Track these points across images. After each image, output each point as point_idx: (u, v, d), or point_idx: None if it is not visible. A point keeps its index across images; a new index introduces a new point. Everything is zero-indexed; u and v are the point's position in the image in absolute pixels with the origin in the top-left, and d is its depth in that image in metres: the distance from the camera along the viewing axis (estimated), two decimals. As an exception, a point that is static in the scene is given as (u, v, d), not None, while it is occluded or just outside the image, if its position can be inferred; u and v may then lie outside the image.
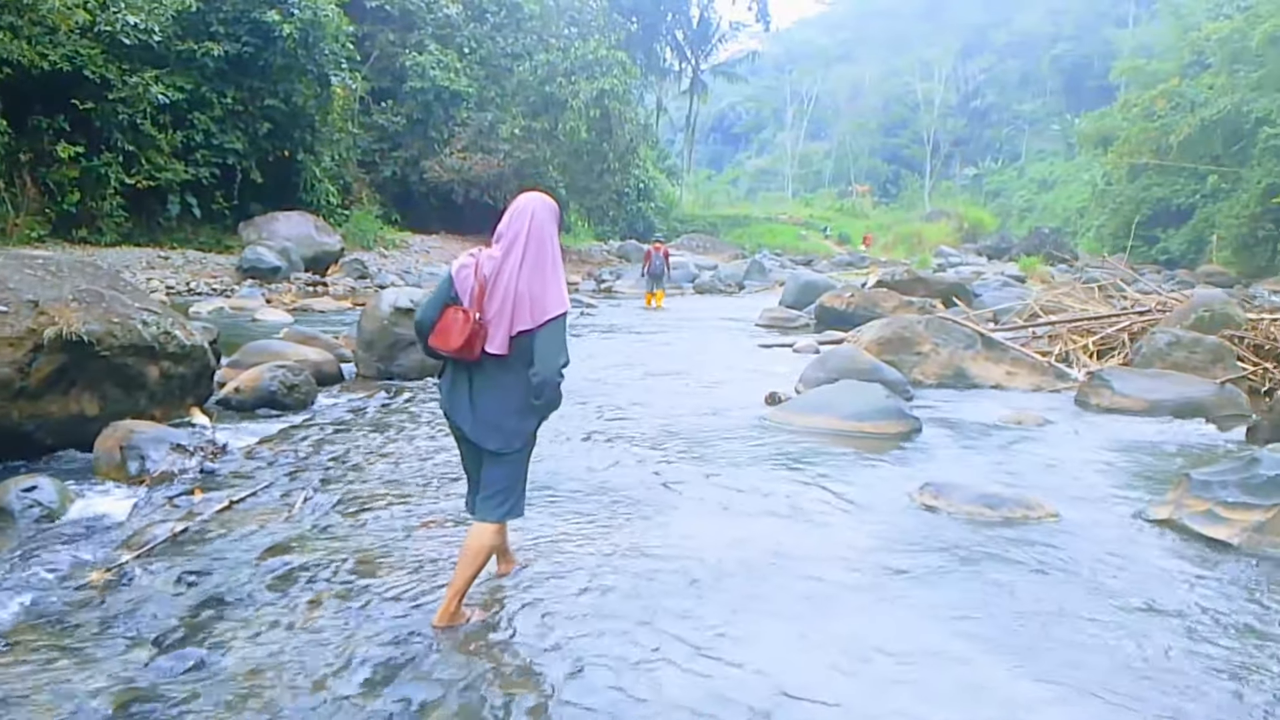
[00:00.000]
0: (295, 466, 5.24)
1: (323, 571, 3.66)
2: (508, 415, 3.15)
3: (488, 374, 3.13)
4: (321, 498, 4.62)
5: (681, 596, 3.57)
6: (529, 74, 30.90)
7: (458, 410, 3.18)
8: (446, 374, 3.24)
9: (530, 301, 3.08)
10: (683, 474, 5.46)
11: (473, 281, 3.11)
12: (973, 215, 59.28)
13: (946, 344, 9.99)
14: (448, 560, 3.83)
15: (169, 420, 6.46)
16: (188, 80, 21.15)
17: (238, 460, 5.39)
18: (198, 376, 6.76)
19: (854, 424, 6.96)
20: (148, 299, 6.76)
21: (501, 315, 3.08)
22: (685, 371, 10.04)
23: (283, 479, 4.97)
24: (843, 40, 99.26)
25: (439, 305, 3.13)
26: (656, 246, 21.46)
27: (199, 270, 20.15)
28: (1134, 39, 66.62)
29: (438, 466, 5.35)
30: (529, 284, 3.09)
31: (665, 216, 48.59)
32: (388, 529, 4.20)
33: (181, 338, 6.50)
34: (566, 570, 3.79)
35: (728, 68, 60.28)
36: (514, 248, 3.13)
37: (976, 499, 5.03)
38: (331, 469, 5.19)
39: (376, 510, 4.46)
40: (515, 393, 3.14)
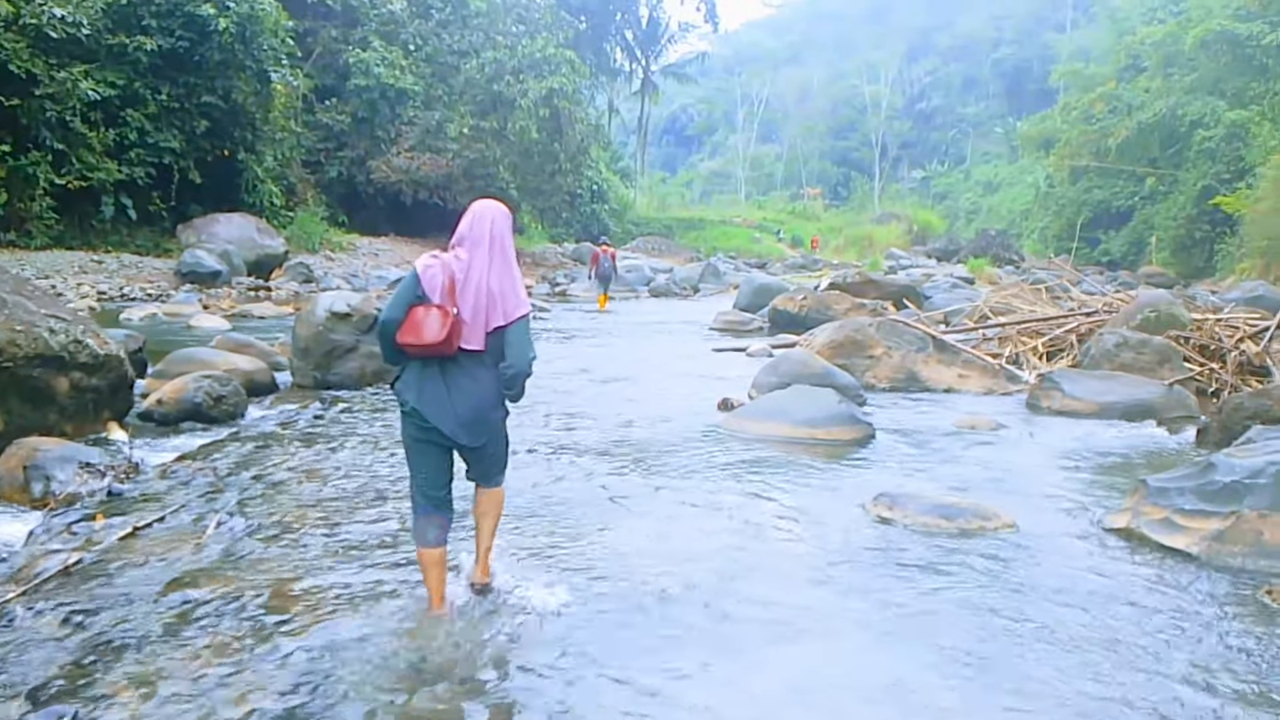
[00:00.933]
0: (213, 486, 4.87)
1: (229, 608, 3.33)
2: (487, 410, 3.24)
3: (464, 371, 3.17)
4: (237, 521, 4.26)
5: (626, 626, 3.31)
6: (476, 72, 30.42)
7: (435, 410, 3.16)
8: (411, 375, 3.21)
9: (501, 299, 3.19)
10: (631, 487, 5.20)
11: (442, 279, 3.14)
12: (921, 218, 59.89)
13: (898, 347, 9.86)
14: (370, 591, 3.52)
15: (82, 436, 6.04)
16: (119, 76, 20.35)
17: (151, 480, 5.01)
18: (114, 388, 6.33)
19: (807, 430, 6.76)
20: (57, 305, 6.32)
21: (477, 312, 3.15)
22: (637, 377, 9.79)
23: (197, 501, 4.60)
24: (790, 43, 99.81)
25: (405, 304, 3.13)
26: (604, 249, 21.34)
27: (134, 275, 19.42)
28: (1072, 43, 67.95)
29: (367, 484, 5.02)
30: (499, 283, 3.20)
31: (620, 218, 48.33)
32: (307, 556, 3.87)
33: (94, 347, 6.07)
34: (500, 601, 3.50)
35: (678, 69, 60.22)
36: (480, 248, 3.22)
37: (932, 510, 4.84)
38: (252, 489, 4.83)
39: (296, 535, 4.13)
40: (491, 388, 3.24)
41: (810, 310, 14.32)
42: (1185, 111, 38.31)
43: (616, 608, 3.46)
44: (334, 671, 2.89)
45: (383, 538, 4.15)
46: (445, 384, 3.17)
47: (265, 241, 22.78)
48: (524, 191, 33.88)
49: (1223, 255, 33.45)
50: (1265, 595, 3.93)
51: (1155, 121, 39.92)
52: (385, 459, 5.61)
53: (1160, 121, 39.67)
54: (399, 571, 3.74)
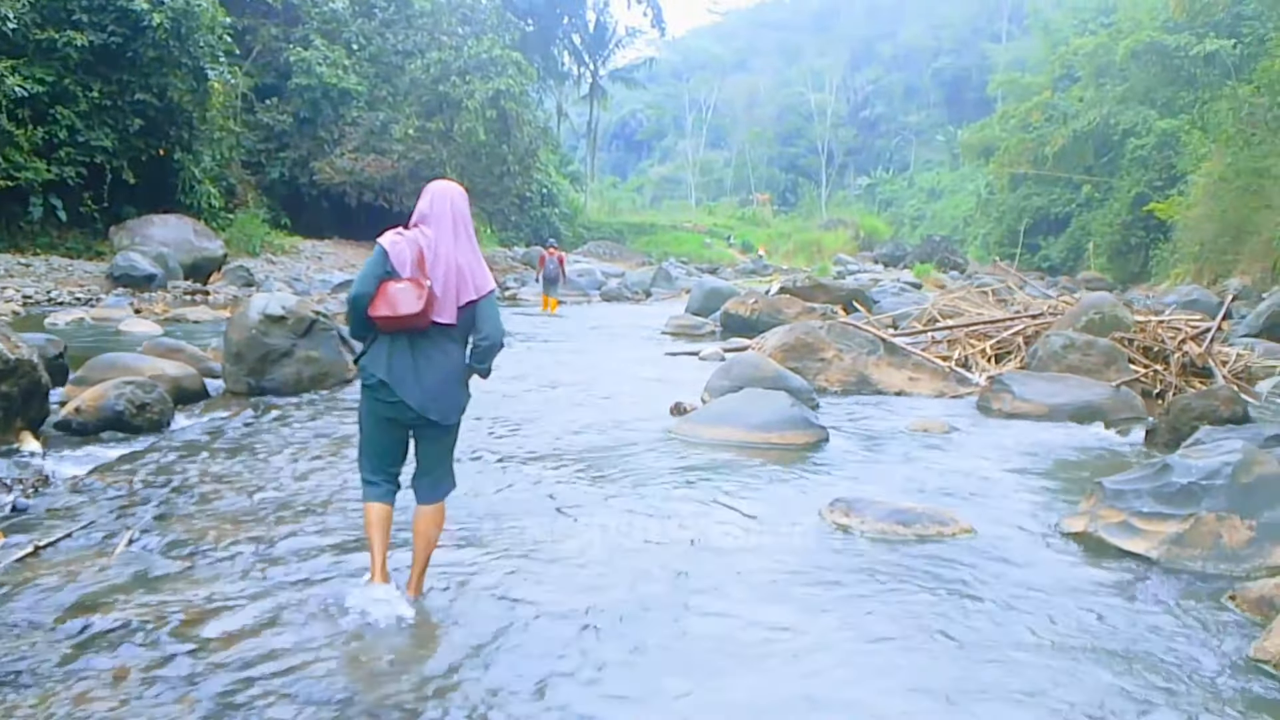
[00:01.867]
0: (127, 500, 4.52)
1: (135, 635, 3.01)
2: (452, 384, 3.23)
3: (434, 345, 3.16)
4: (151, 539, 3.93)
5: (573, 650, 3.06)
6: (421, 72, 29.90)
7: (403, 383, 3.14)
8: (380, 349, 3.18)
9: (471, 274, 3.20)
10: (580, 496, 4.96)
11: (411, 254, 3.13)
12: (868, 224, 60.55)
13: (849, 350, 9.76)
14: (291, 613, 3.23)
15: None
16: (48, 71, 19.50)
17: (61, 494, 4.63)
18: (26, 396, 5.89)
19: (760, 435, 6.58)
20: (-37, 308, 5.87)
21: (448, 286, 3.15)
22: (589, 382, 9.54)
23: (108, 516, 4.25)
24: (737, 50, 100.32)
25: (375, 279, 3.12)
26: (551, 251, 21.15)
27: (64, 278, 18.61)
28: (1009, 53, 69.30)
29: (294, 496, 4.71)
30: (466, 257, 3.22)
31: (570, 222, 48.02)
32: (223, 576, 3.56)
33: (3, 351, 5.65)
34: (438, 621, 3.24)
35: (626, 73, 60.10)
36: (444, 224, 3.22)
37: (889, 516, 4.68)
38: (169, 503, 4.49)
39: (214, 553, 3.81)
40: (457, 362, 3.24)
41: (761, 314, 14.25)
42: (1118, 120, 39.20)
43: (564, 629, 3.21)
44: (250, 705, 2.60)
45: (307, 553, 3.86)
46: (414, 358, 3.15)
47: (203, 244, 22.03)
48: (472, 194, 32.34)
49: (1157, 260, 34.25)
50: (1229, 601, 3.83)
51: (1089, 130, 40.82)
52: (317, 468, 5.30)
53: (1094, 130, 40.57)
54: (323, 588, 3.46)
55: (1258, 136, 25.64)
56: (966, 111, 71.73)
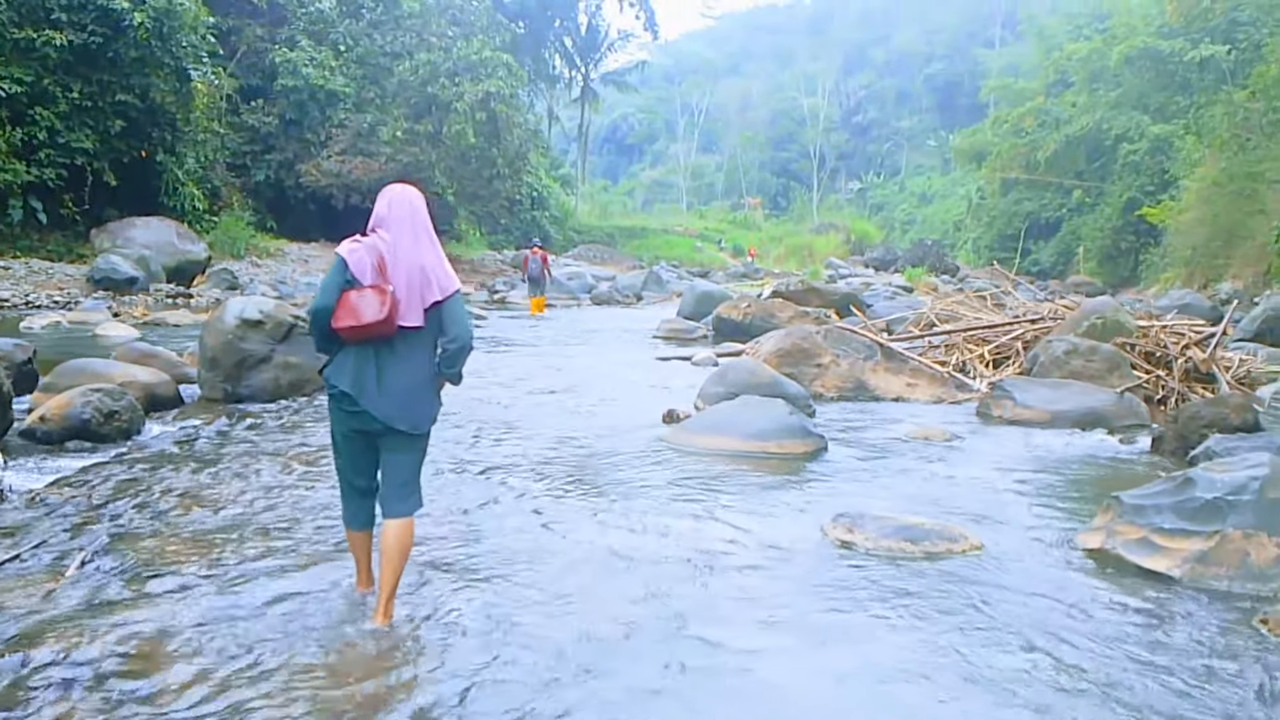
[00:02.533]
0: (85, 517, 4.24)
1: (81, 671, 2.74)
2: (419, 392, 3.15)
3: (397, 352, 3.09)
4: (107, 560, 3.66)
5: (556, 688, 2.80)
6: (410, 74, 29.58)
7: (367, 393, 3.06)
8: (345, 360, 3.09)
9: (434, 274, 3.13)
10: (568, 512, 4.70)
11: (370, 260, 3.07)
12: (859, 228, 60.52)
13: (846, 355, 9.53)
14: (252, 645, 2.97)
15: (-53, 457, 5.33)
16: (26, 71, 19.15)
17: (15, 510, 4.35)
18: (-14, 404, 5.63)
19: (757, 444, 6.34)
20: (-83, 311, 5.58)
21: (411, 289, 3.08)
22: (578, 387, 9.28)
23: (63, 535, 3.98)
24: (729, 54, 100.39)
25: (337, 289, 3.04)
26: (534, 251, 20.97)
27: (44, 281, 18.29)
28: (1001, 59, 69.53)
29: (263, 511, 4.44)
30: (428, 258, 3.15)
31: (561, 226, 47.78)
32: (181, 603, 3.29)
33: (-40, 358, 5.37)
34: (410, 653, 2.98)
35: (618, 77, 59.93)
36: (403, 227, 3.16)
37: (895, 532, 4.44)
38: (129, 519, 4.21)
39: (173, 576, 3.54)
40: (425, 369, 3.16)
41: (754, 318, 14.04)
42: (1111, 126, 39.22)
43: (546, 663, 2.96)
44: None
45: (271, 574, 3.59)
46: (378, 366, 3.08)
47: (186, 247, 21.71)
48: (461, 196, 33.10)
49: (1147, 265, 34.23)
50: (1259, 624, 3.60)
51: (1082, 135, 40.86)
52: (287, 482, 5.03)
53: (1087, 135, 40.61)
54: (288, 620, 3.19)
55: (1252, 141, 25.62)
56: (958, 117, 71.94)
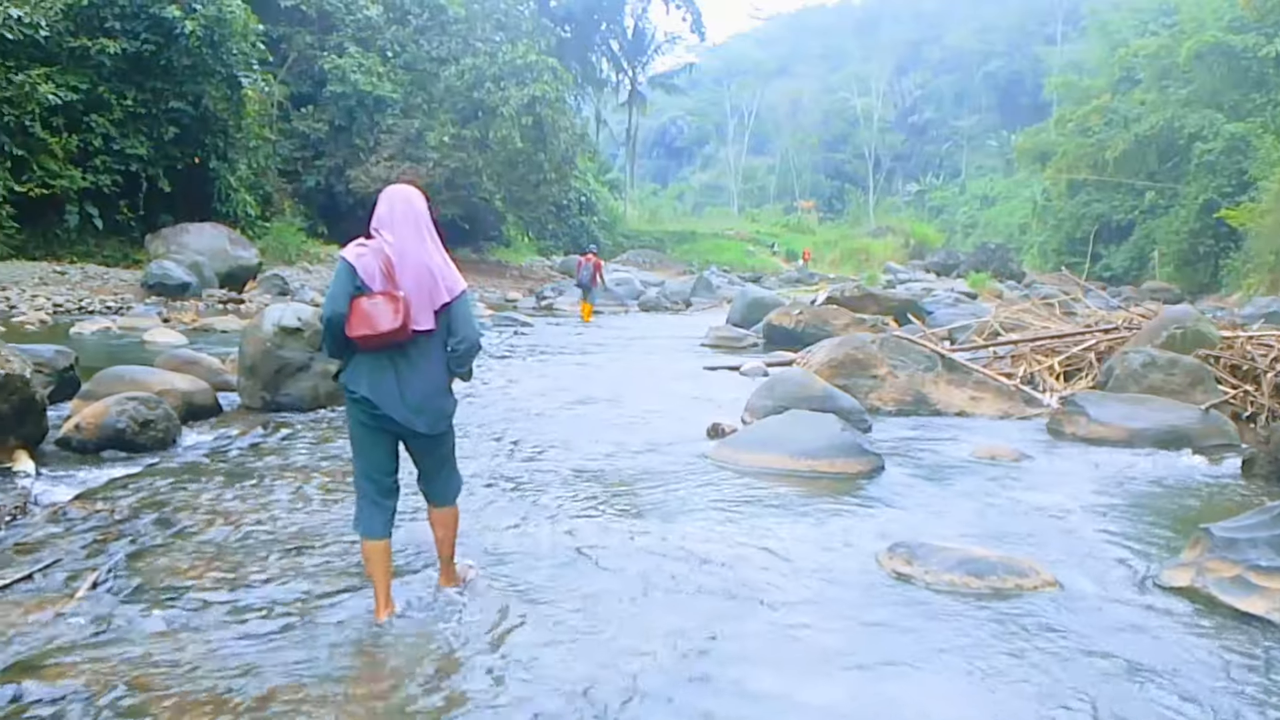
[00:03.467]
0: (105, 532, 4.14)
1: (72, 707, 2.60)
2: (437, 393, 3.22)
3: (411, 356, 3.14)
4: (120, 580, 3.54)
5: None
6: (456, 79, 29.73)
7: (387, 399, 3.11)
8: (361, 366, 3.14)
9: (441, 275, 3.17)
10: (604, 535, 4.48)
11: (378, 264, 3.09)
12: (918, 231, 59.50)
13: (905, 366, 9.18)
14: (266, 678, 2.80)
15: (-20, 467, 5.31)
16: (82, 79, 19.59)
17: (37, 524, 4.27)
18: (20, 413, 5.59)
19: (807, 462, 6.06)
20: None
21: (421, 291, 3.11)
22: (621, 399, 9.08)
23: (80, 551, 3.88)
24: (778, 55, 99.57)
25: (347, 296, 3.07)
26: (587, 257, 21.08)
27: (98, 287, 18.64)
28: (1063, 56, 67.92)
29: (287, 528, 4.30)
30: (434, 258, 3.19)
31: (610, 231, 47.74)
32: (191, 629, 3.14)
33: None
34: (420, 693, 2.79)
35: (665, 79, 59.85)
36: (407, 228, 3.19)
37: (959, 565, 4.14)
38: (150, 535, 4.10)
39: (186, 600, 3.40)
40: (440, 369, 3.22)
41: (807, 325, 13.74)
42: (1183, 124, 37.94)
43: (562, 707, 2.74)
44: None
45: (291, 599, 3.43)
46: (395, 370, 3.13)
47: (238, 252, 22.00)
48: (509, 202, 33.20)
49: (1228, 270, 33.00)
50: (1376, 677, 3.24)
51: (1153, 134, 39.58)
52: (316, 497, 4.90)
53: (1158, 134, 39.32)
54: (301, 648, 3.03)
55: (1338, 139, 24.50)
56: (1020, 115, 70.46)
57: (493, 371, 10.89)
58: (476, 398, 8.71)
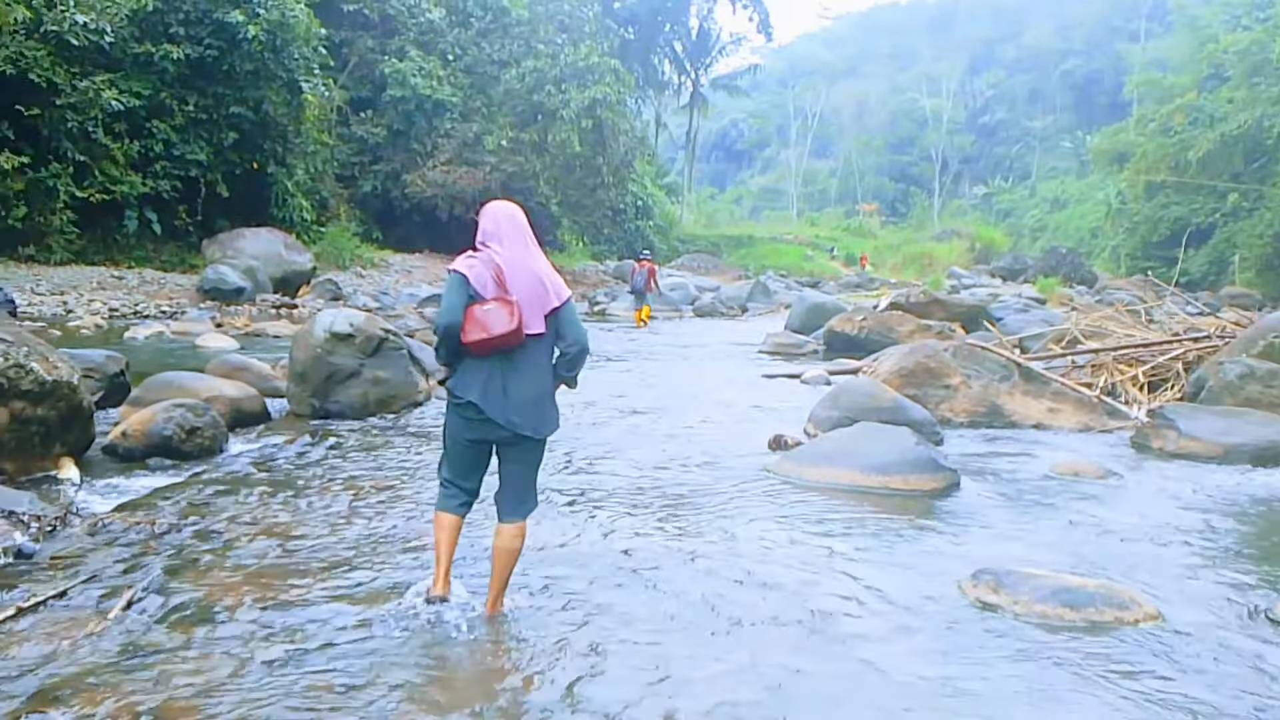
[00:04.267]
0: (145, 546, 4.05)
1: (96, 741, 2.47)
2: (543, 398, 3.32)
3: (519, 361, 3.24)
4: (155, 599, 3.42)
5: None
6: (516, 82, 29.83)
7: (494, 403, 3.21)
8: (470, 372, 3.25)
9: (550, 283, 3.30)
10: (659, 554, 4.27)
11: (489, 274, 3.22)
12: (985, 235, 58.23)
13: (979, 376, 8.81)
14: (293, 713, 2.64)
15: (27, 475, 5.30)
16: (145, 85, 20.03)
17: (76, 536, 4.20)
18: (65, 419, 5.57)
19: (878, 478, 5.78)
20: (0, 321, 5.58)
21: (532, 296, 3.24)
22: (676, 408, 8.86)
23: (117, 566, 3.78)
24: (846, 55, 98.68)
25: (461, 306, 3.19)
26: (642, 263, 21.04)
27: (155, 291, 19.00)
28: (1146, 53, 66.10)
29: (330, 543, 4.16)
30: (541, 266, 3.33)
31: (665, 235, 47.60)
32: (224, 653, 3.01)
33: (40, 372, 5.33)
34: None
35: (728, 81, 59.52)
36: (515, 238, 3.33)
37: (1051, 595, 3.83)
38: (189, 550, 4.00)
39: (223, 620, 3.27)
40: (546, 375, 3.33)
41: (870, 332, 13.42)
42: (1273, 123, 36.47)
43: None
44: None
45: (333, 623, 3.28)
46: (504, 376, 3.24)
47: (293, 257, 22.31)
48: (565, 206, 33.21)
49: (1315, 276, 31.66)
50: None
51: (1240, 134, 38.14)
52: (362, 509, 4.77)
53: (1245, 133, 37.89)
54: (344, 675, 2.87)
55: None
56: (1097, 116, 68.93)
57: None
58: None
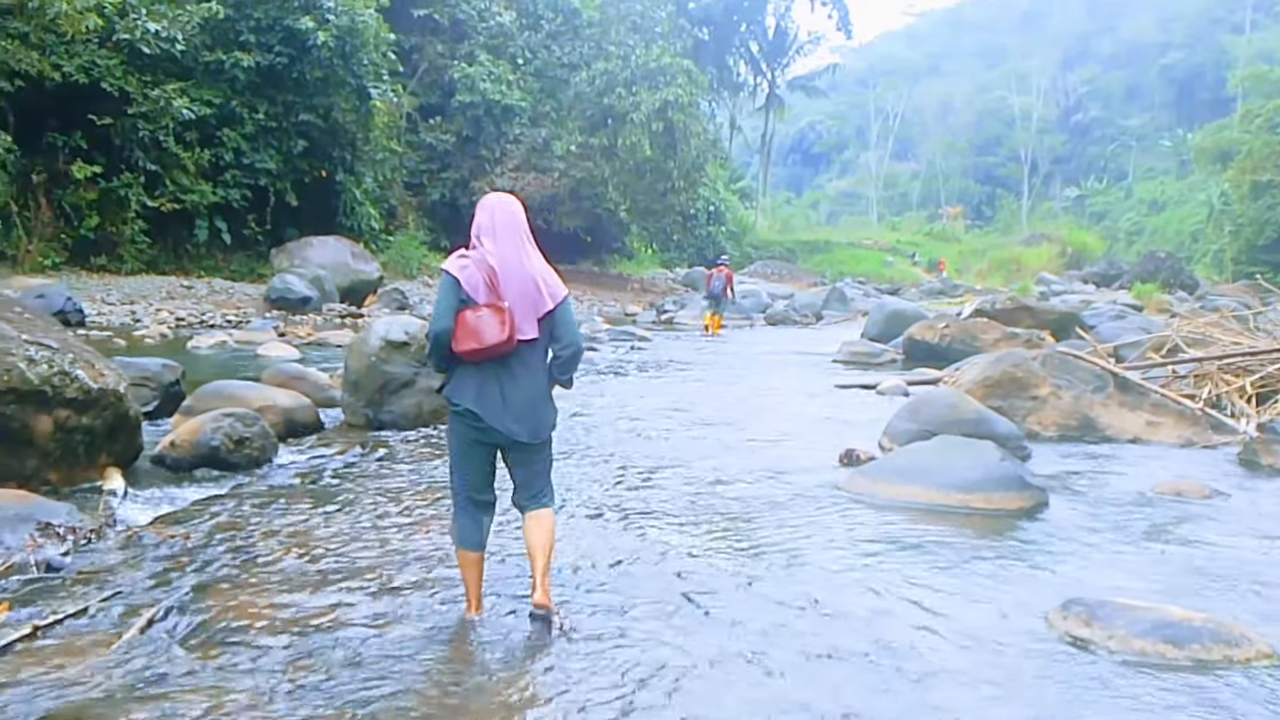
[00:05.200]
0: (176, 561, 3.97)
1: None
2: (540, 402, 3.29)
3: (514, 367, 3.21)
4: (178, 619, 3.33)
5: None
6: (586, 85, 29.87)
7: (492, 410, 3.19)
8: (466, 378, 3.22)
9: (544, 282, 3.25)
10: (718, 578, 4.04)
11: (482, 276, 3.16)
12: (1076, 239, 56.54)
13: (1070, 386, 8.38)
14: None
15: (72, 485, 5.31)
16: (215, 94, 20.55)
17: (108, 550, 4.15)
18: (112, 429, 5.58)
19: (958, 496, 5.46)
20: (46, 330, 5.62)
21: (524, 300, 3.19)
22: (742, 419, 8.61)
23: (144, 583, 3.70)
24: (930, 54, 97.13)
25: (453, 311, 3.15)
26: (719, 269, 20.98)
27: (223, 301, 19.43)
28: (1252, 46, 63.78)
29: (367, 560, 4.03)
30: (536, 266, 3.27)
31: (738, 241, 47.30)
32: (243, 682, 2.88)
33: (86, 380, 5.34)
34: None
35: (806, 81, 58.94)
36: (507, 236, 3.26)
37: (1151, 630, 3.51)
38: (219, 566, 3.91)
39: (247, 642, 3.15)
40: (542, 378, 3.30)
41: (953, 340, 12.98)
42: (1391, 117, 34.69)
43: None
44: None
45: (362, 648, 3.14)
46: (500, 382, 3.20)
47: (360, 266, 22.61)
48: (634, 213, 33.15)
49: None
50: None
51: (1355, 128, 36.34)
52: (404, 524, 4.65)
53: (1362, 130, 36.08)
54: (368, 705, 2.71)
55: None
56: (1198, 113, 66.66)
57: (606, 388, 10.61)
58: (586, 416, 8.42)
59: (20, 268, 17.19)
